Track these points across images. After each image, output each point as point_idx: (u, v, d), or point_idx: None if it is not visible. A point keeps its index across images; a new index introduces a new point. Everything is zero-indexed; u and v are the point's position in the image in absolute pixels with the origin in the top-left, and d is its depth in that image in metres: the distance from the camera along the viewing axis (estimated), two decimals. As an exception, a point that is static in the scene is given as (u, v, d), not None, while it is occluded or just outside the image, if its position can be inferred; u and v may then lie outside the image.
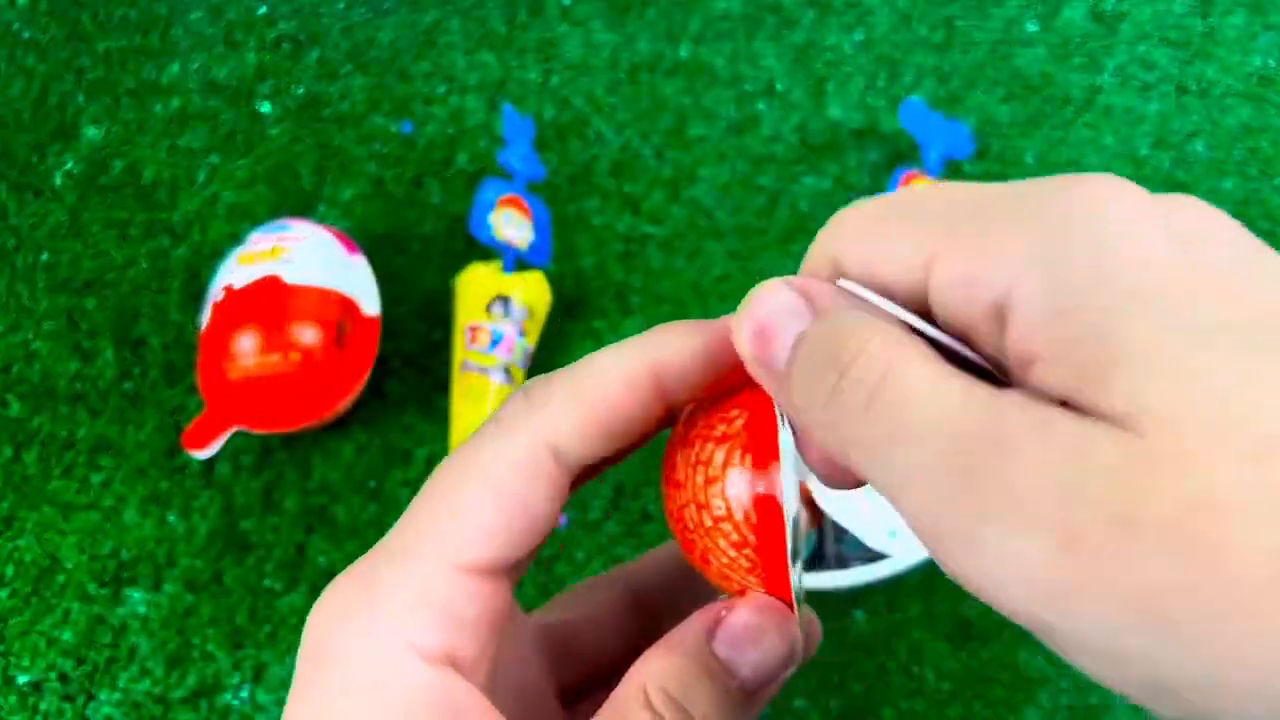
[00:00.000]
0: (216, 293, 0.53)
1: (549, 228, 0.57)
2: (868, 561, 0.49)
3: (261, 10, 0.68)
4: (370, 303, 0.55)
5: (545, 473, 0.20)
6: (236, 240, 0.57)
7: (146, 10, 0.68)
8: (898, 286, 0.18)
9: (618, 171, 0.62)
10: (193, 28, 0.67)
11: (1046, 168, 0.62)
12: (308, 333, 0.51)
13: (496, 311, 0.54)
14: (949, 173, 0.61)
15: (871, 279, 0.18)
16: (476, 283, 0.55)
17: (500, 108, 0.64)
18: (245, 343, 0.50)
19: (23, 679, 0.51)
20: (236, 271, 0.53)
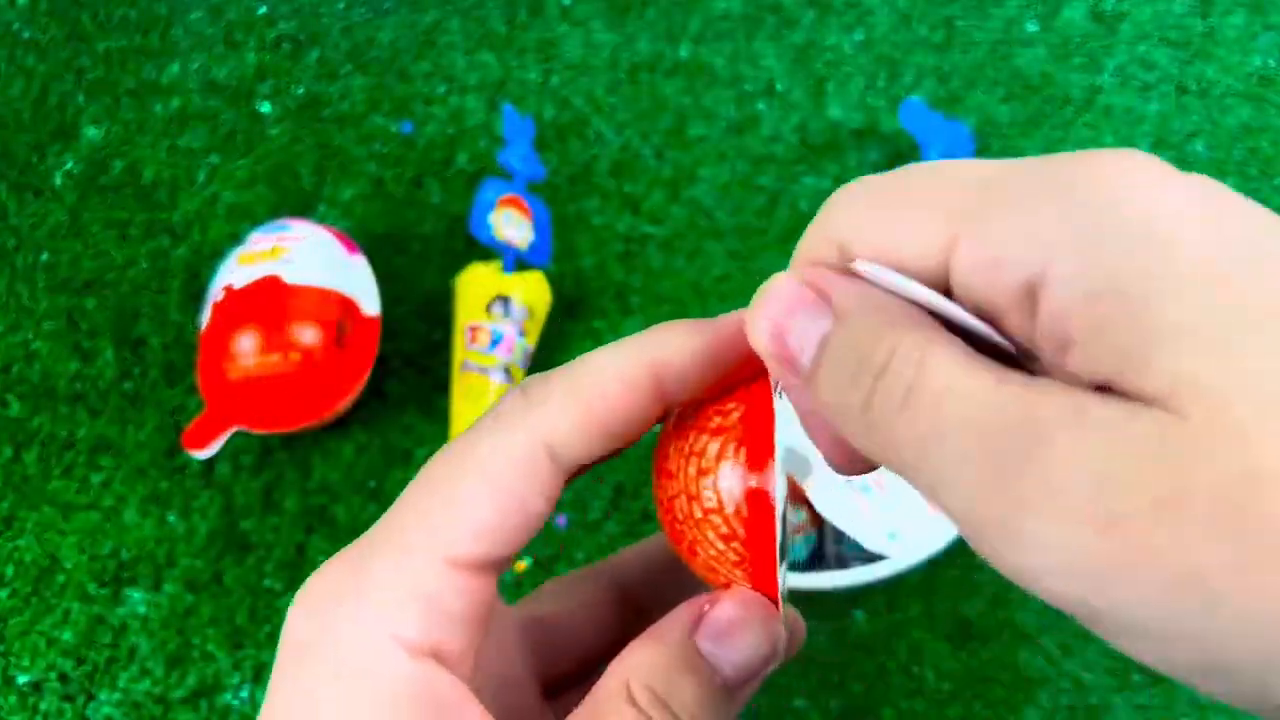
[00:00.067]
0: (216, 293, 0.53)
1: (549, 228, 0.57)
2: (867, 562, 0.49)
3: (261, 10, 0.68)
4: (370, 303, 0.55)
5: (541, 471, 0.20)
6: (236, 240, 0.57)
7: (146, 10, 0.68)
8: (914, 269, 0.17)
9: (618, 171, 0.62)
10: (193, 28, 0.67)
11: (1046, 168, 0.62)
12: (308, 333, 0.51)
13: (496, 311, 0.54)
14: (949, 173, 0.61)
15: (886, 262, 0.17)
16: (476, 283, 0.55)
17: (500, 108, 0.64)
18: (245, 343, 0.50)
19: (23, 679, 0.51)
20: (236, 271, 0.53)
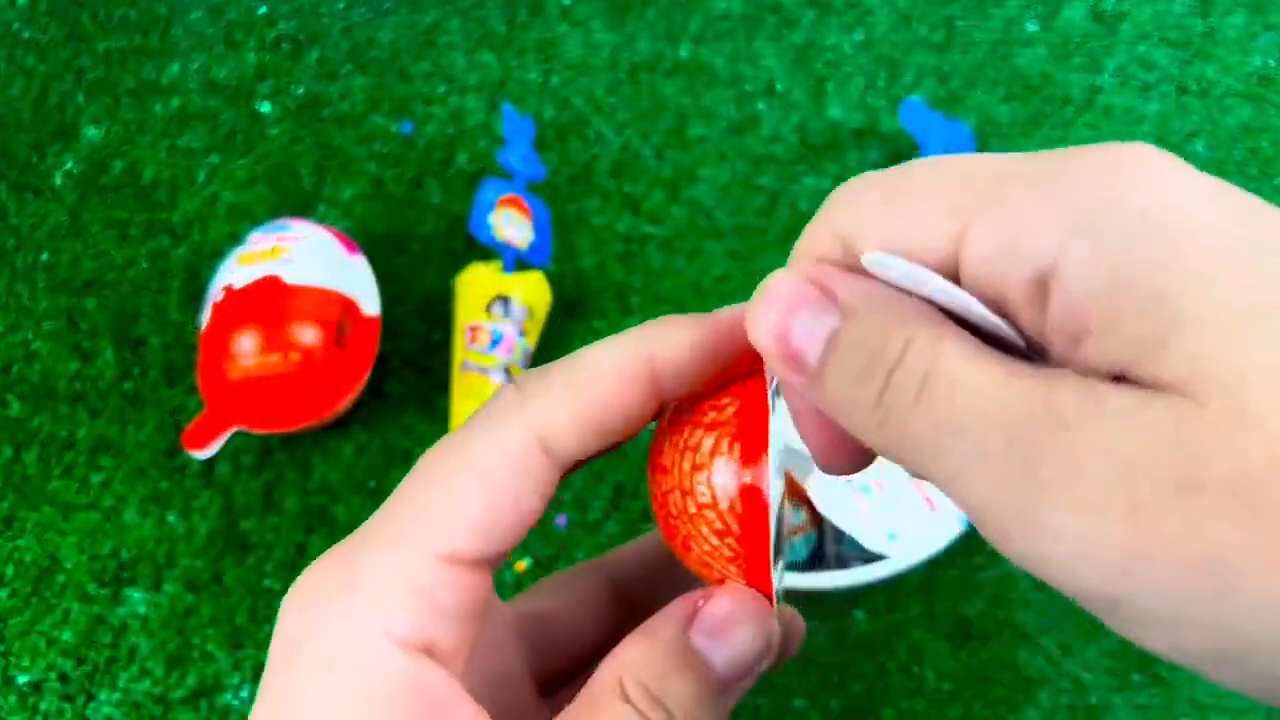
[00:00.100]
0: (216, 293, 0.53)
1: (549, 228, 0.57)
2: (867, 562, 0.49)
3: (261, 10, 0.68)
4: (370, 303, 0.55)
5: (536, 466, 0.20)
6: (236, 240, 0.57)
7: (146, 10, 0.68)
8: (922, 262, 0.17)
9: (618, 171, 0.62)
10: (193, 28, 0.67)
11: (1046, 168, 0.62)
12: (308, 333, 0.51)
13: (496, 311, 0.54)
14: (949, 173, 0.61)
15: (894, 253, 0.17)
16: (476, 283, 0.55)
17: (500, 108, 0.64)
18: (245, 343, 0.50)
19: (23, 679, 0.51)
20: (236, 271, 0.53)
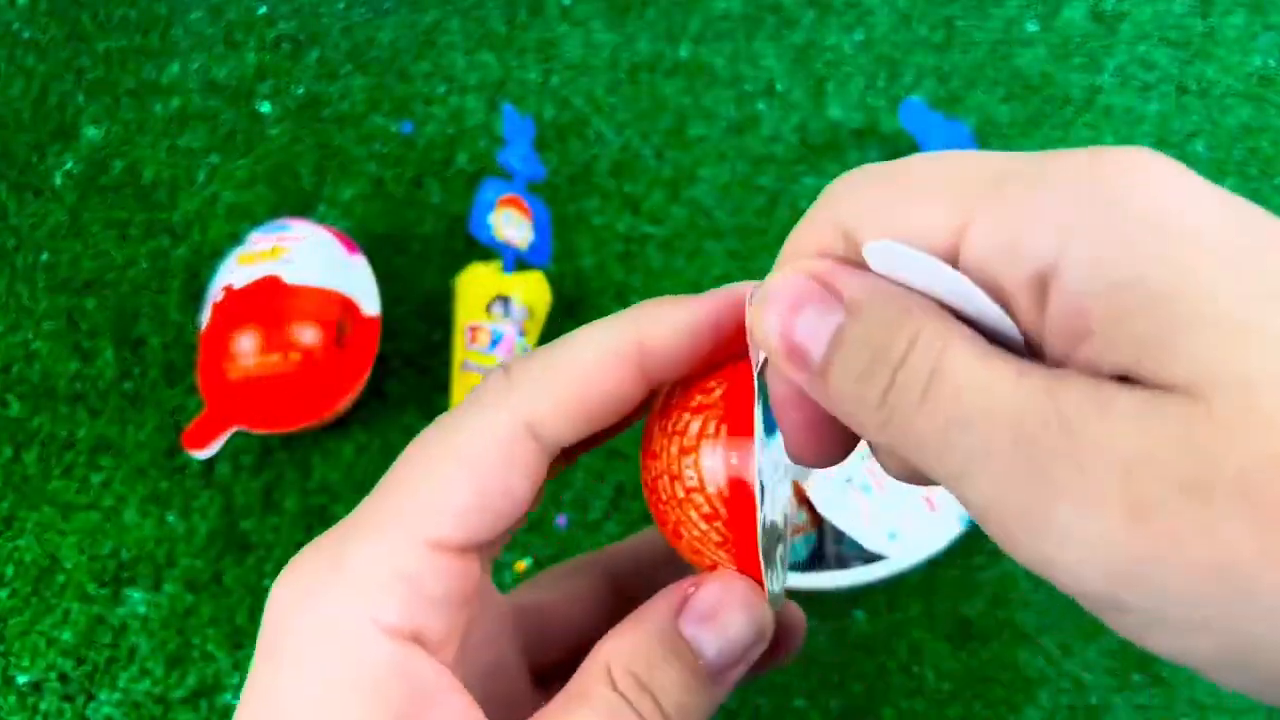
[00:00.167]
0: (216, 293, 0.53)
1: (549, 228, 0.57)
2: (867, 562, 0.49)
3: (261, 10, 0.68)
4: (370, 303, 0.55)
5: (523, 451, 0.20)
6: (236, 240, 0.57)
7: (146, 10, 0.68)
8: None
9: (618, 171, 0.62)
10: (193, 28, 0.67)
11: (1046, 168, 0.62)
12: (308, 333, 0.51)
13: (496, 311, 0.54)
14: (949, 173, 0.61)
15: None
16: (476, 283, 0.55)
17: (500, 108, 0.64)
18: (245, 343, 0.50)
19: (23, 679, 0.51)
20: (236, 271, 0.53)
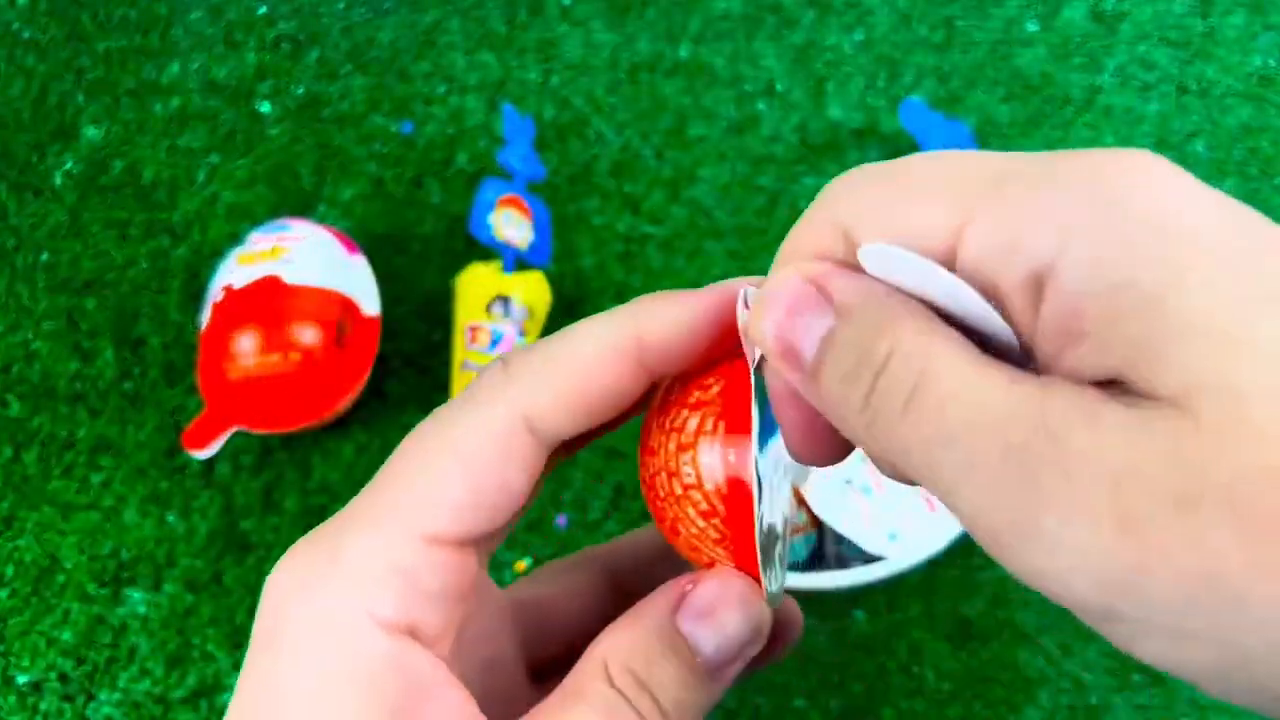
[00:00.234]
0: (216, 293, 0.53)
1: (549, 228, 0.57)
2: (867, 562, 0.49)
3: (261, 10, 0.68)
4: (370, 303, 0.55)
5: (521, 445, 0.19)
6: (236, 240, 0.57)
7: (146, 10, 0.68)
8: (921, 253, 0.16)
9: (618, 171, 0.62)
10: (193, 28, 0.67)
11: (1046, 168, 0.62)
12: (308, 333, 0.51)
13: (496, 311, 0.54)
14: (949, 173, 0.61)
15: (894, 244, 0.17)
16: (476, 283, 0.55)
17: (500, 108, 0.64)
18: (245, 343, 0.50)
19: (23, 679, 0.51)
20: (236, 271, 0.53)
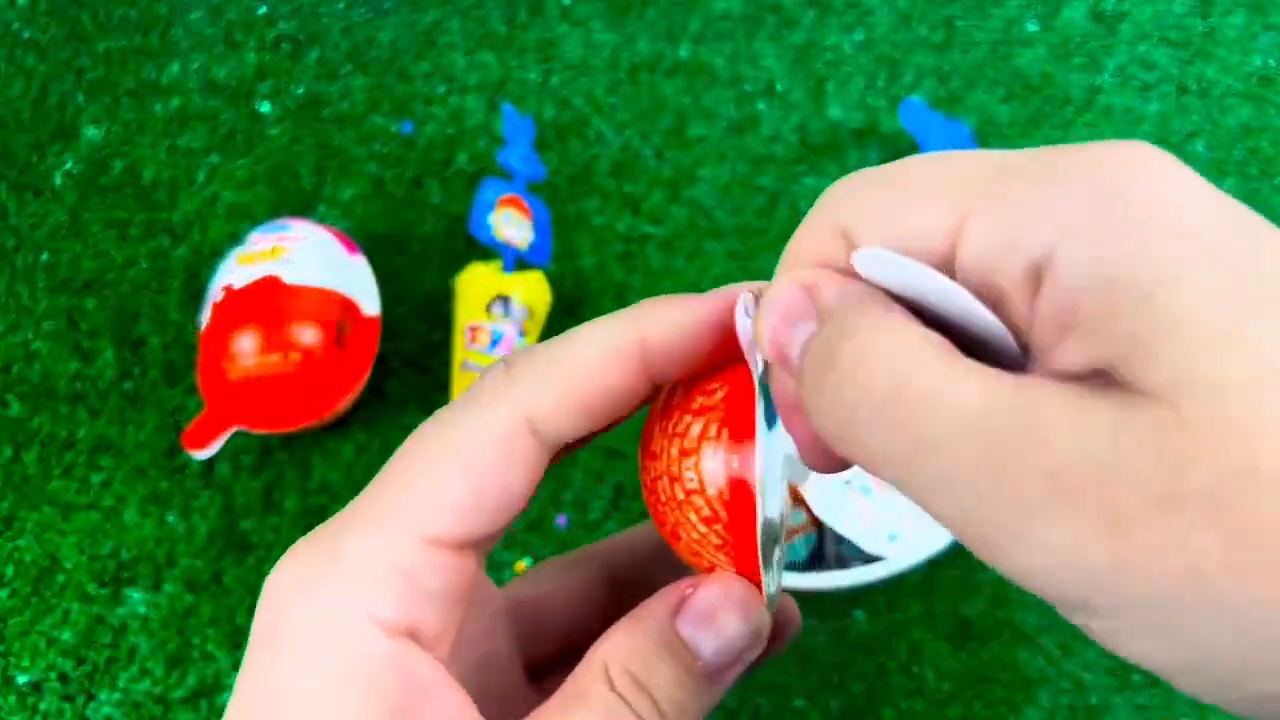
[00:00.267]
0: (216, 293, 0.53)
1: (549, 228, 0.57)
2: (867, 562, 0.49)
3: (261, 10, 0.68)
4: (370, 303, 0.55)
5: (522, 447, 0.19)
6: (236, 240, 0.57)
7: (146, 10, 0.68)
8: (921, 254, 0.17)
9: (618, 171, 0.62)
10: (193, 28, 0.67)
11: (1046, 168, 0.62)
12: (308, 333, 0.51)
13: (496, 311, 0.54)
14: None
15: (892, 247, 0.17)
16: (476, 283, 0.55)
17: (500, 108, 0.64)
18: (245, 343, 0.50)
19: (22, 679, 0.51)
20: (236, 271, 0.53)
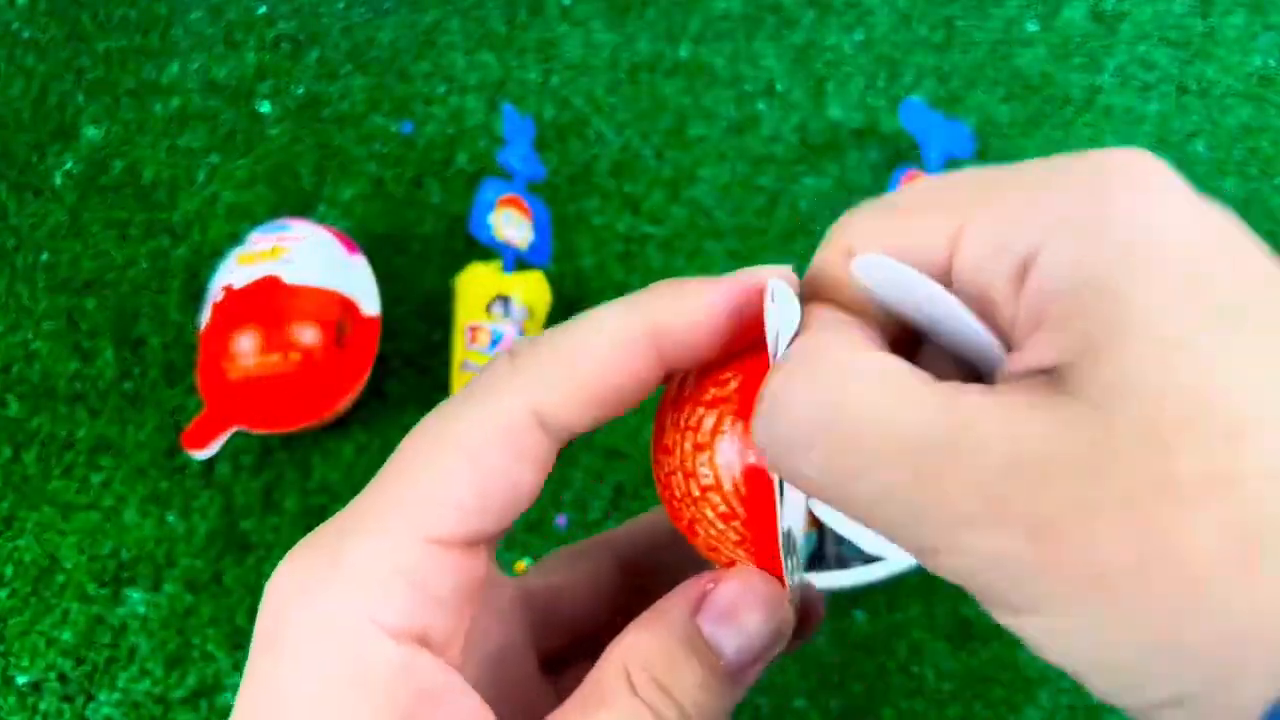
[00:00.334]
0: (216, 293, 0.53)
1: (549, 228, 0.57)
2: (867, 562, 0.49)
3: (261, 10, 0.68)
4: (370, 303, 0.55)
5: (530, 440, 0.18)
6: (236, 240, 0.57)
7: (146, 10, 0.68)
8: (919, 266, 0.17)
9: (618, 171, 0.62)
10: (193, 28, 0.67)
11: (1046, 168, 0.62)
12: (308, 333, 0.51)
13: (496, 311, 0.54)
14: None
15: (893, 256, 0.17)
16: (476, 283, 0.55)
17: (500, 108, 0.64)
18: (245, 343, 0.50)
19: (22, 679, 0.51)
20: (236, 271, 0.53)
